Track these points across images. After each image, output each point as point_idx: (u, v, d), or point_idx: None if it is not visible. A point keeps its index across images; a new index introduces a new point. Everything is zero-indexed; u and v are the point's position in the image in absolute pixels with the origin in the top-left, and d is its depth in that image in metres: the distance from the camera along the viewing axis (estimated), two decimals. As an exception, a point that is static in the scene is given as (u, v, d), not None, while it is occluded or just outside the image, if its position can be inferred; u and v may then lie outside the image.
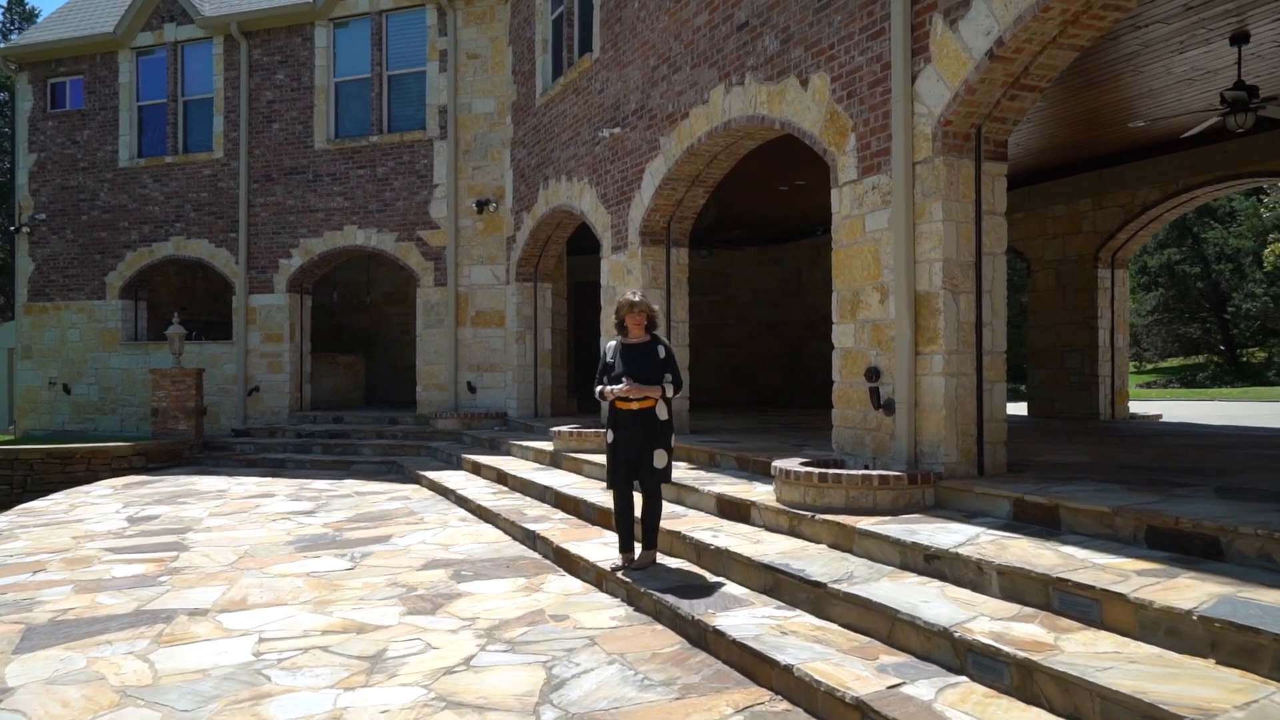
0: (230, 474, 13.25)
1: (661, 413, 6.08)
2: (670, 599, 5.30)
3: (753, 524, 6.51)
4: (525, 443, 11.57)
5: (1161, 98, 9.35)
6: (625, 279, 10.57)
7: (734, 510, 6.76)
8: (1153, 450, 8.22)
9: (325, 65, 15.91)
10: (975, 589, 4.54)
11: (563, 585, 6.40)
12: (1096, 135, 11.13)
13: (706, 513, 7.06)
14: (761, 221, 17.68)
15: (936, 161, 6.00)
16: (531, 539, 7.59)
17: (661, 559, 6.29)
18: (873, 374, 6.53)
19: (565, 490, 8.61)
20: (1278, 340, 39.93)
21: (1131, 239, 12.58)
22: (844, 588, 4.72)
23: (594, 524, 7.77)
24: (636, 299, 6.11)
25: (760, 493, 6.85)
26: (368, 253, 16.23)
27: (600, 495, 8.19)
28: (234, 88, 16.45)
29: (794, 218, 17.08)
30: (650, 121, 9.96)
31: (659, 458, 6.05)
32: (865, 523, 5.52)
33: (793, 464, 6.53)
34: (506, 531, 8.22)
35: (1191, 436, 10.05)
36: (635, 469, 6.11)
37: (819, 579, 4.92)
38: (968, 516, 5.54)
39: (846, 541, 5.53)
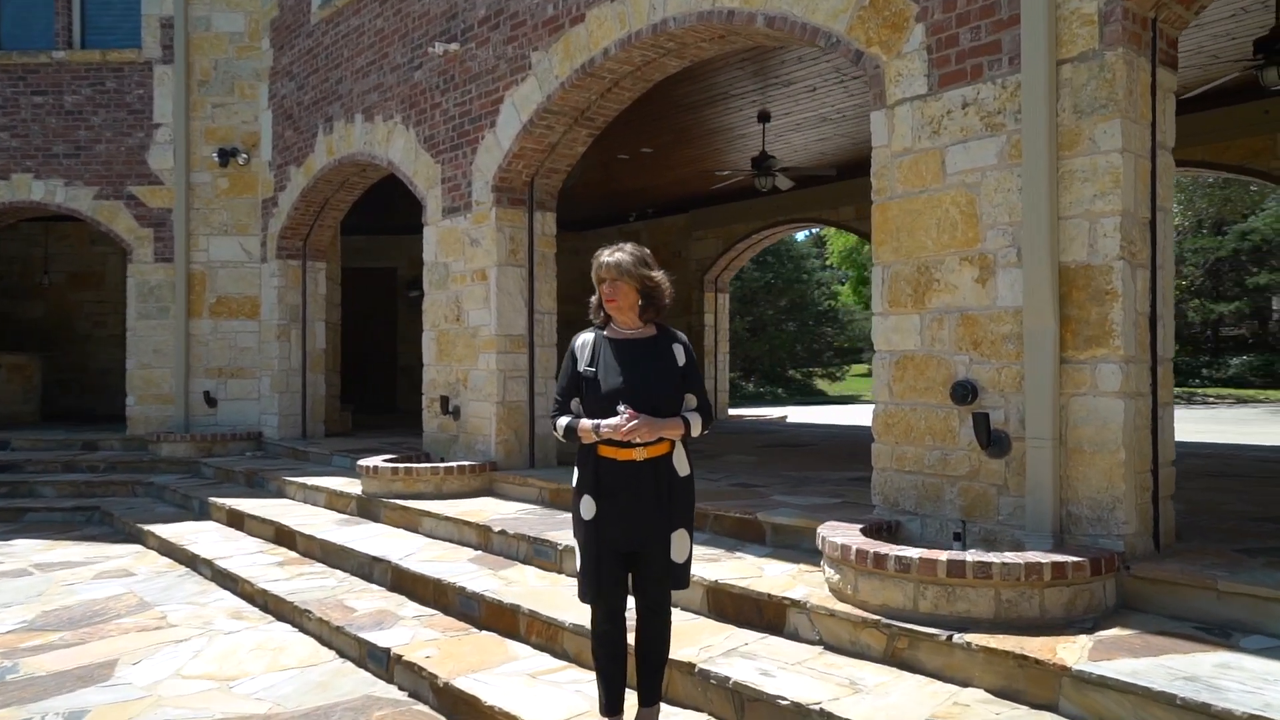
0: None
1: (681, 465, 3.44)
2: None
3: (796, 637, 3.98)
4: (307, 479, 8.22)
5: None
6: (467, 253, 7.60)
7: (750, 612, 4.20)
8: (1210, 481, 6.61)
9: (-16, -53, 11.31)
10: None
11: (489, 777, 3.52)
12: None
13: (689, 612, 4.44)
14: (567, 201, 15.10)
15: (1107, 57, 3.81)
16: (383, 662, 4.56)
17: (665, 711, 3.62)
18: (966, 392, 4.23)
19: (411, 565, 5.59)
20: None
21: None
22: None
23: (481, 626, 4.87)
24: (622, 257, 3.40)
25: (780, 578, 4.34)
26: (51, 214, 11.80)
27: (476, 574, 5.28)
28: None
29: (611, 198, 14.70)
30: (514, 30, 7.10)
31: (678, 544, 3.40)
32: (1068, 652, 3.20)
33: (852, 534, 4.10)
34: (327, 643, 5.07)
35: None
36: (631, 565, 3.42)
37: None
38: (1220, 635, 3.36)
39: (1040, 690, 3.16)
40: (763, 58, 8.11)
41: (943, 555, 3.60)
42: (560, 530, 5.68)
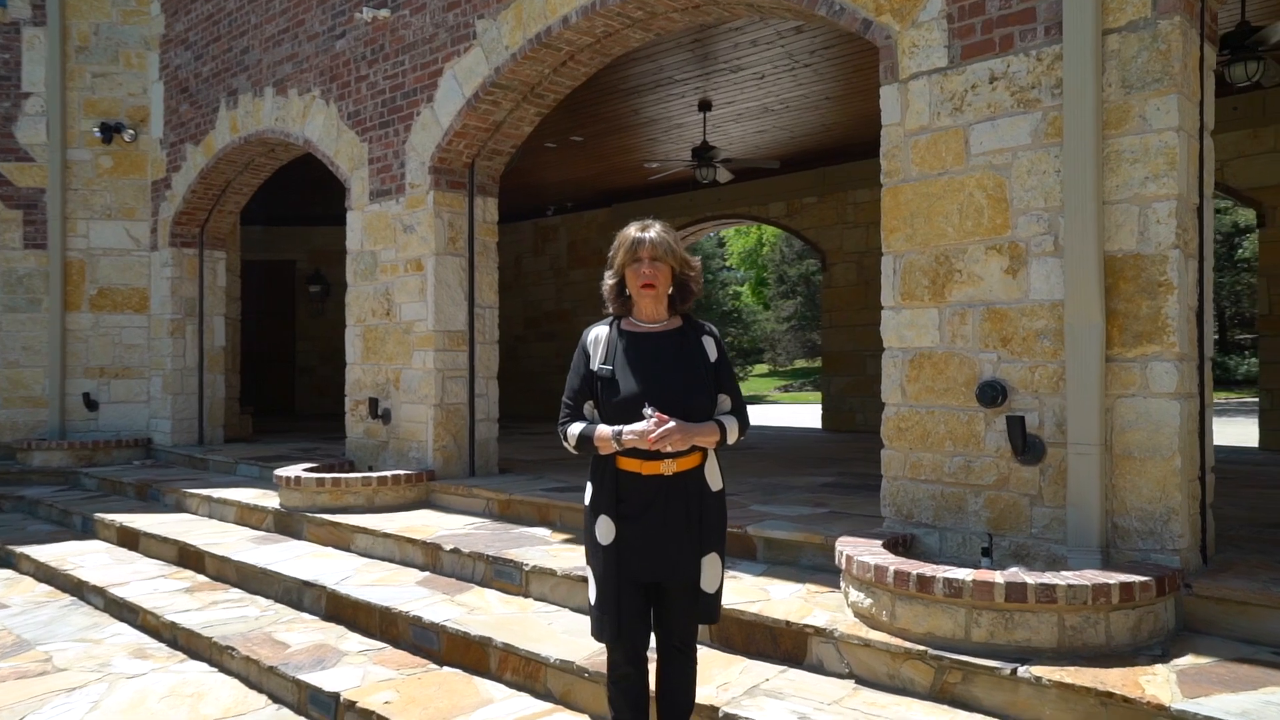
0: None
1: (714, 478, 2.96)
2: None
3: (821, 670, 3.54)
4: (211, 491, 7.34)
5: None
6: (399, 241, 6.90)
7: (763, 641, 3.73)
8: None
9: None
10: None
11: None
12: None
13: (690, 641, 3.93)
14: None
15: (1161, 26, 3.49)
16: (330, 709, 3.88)
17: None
18: (995, 393, 3.87)
19: (350, 590, 4.90)
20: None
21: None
22: None
23: (443, 662, 4.25)
24: (662, 234, 2.90)
25: (791, 601, 3.88)
26: (-102, 192, 10.41)
27: (429, 600, 4.65)
28: None
29: (529, 190, 14.05)
30: (455, -4, 6.46)
31: (709, 571, 2.91)
32: (1155, 686, 2.84)
33: (879, 552, 3.68)
34: (256, 685, 4.35)
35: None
36: (653, 596, 2.91)
37: None
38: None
39: (1132, 729, 2.79)
40: (712, 40, 7.68)
41: (999, 577, 3.20)
42: (521, 548, 5.09)
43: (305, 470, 6.54)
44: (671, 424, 2.71)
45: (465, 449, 6.75)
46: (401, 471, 6.42)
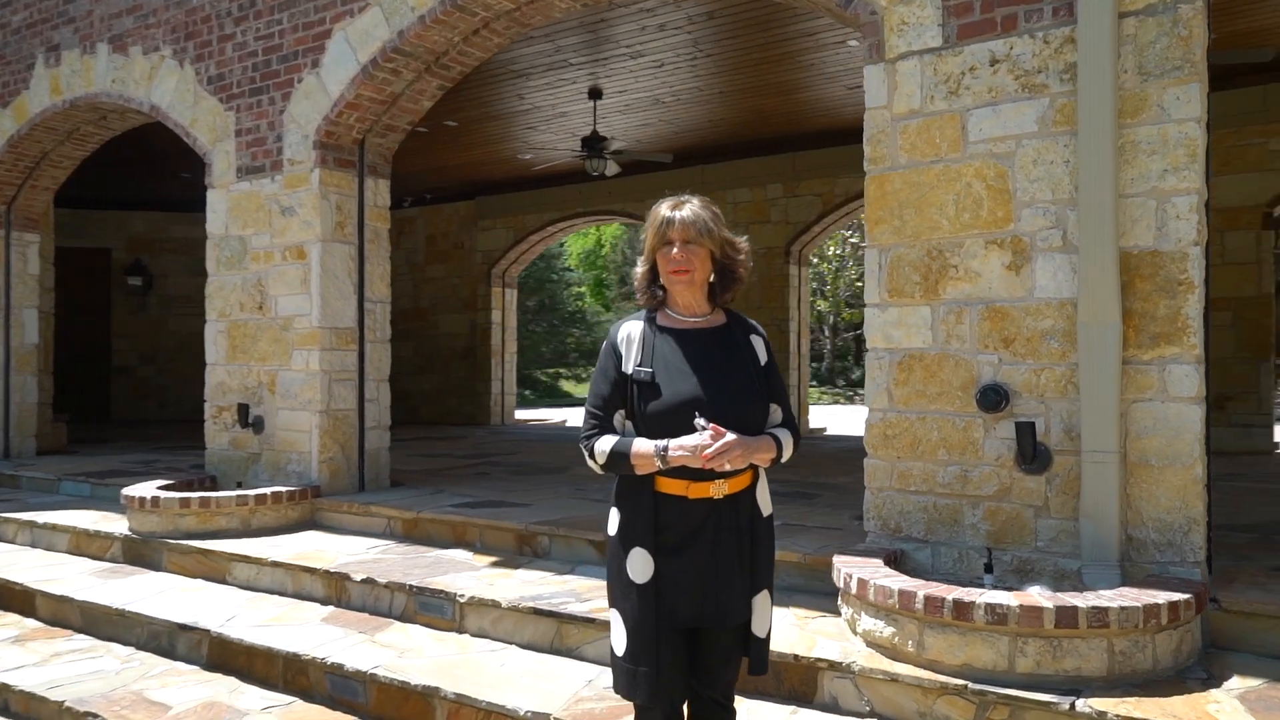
0: None
1: (765, 502, 2.54)
2: None
3: (836, 709, 3.17)
4: (34, 515, 6.17)
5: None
6: (276, 225, 6.02)
7: (763, 678, 3.30)
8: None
9: None
10: None
11: None
12: (795, 109, 9.45)
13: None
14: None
15: (1182, 11, 3.33)
16: (240, 791, 3.16)
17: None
18: (998, 398, 3.61)
19: (241, 634, 4.10)
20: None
21: (824, 232, 11.35)
22: None
23: (370, 717, 3.58)
24: (697, 211, 2.44)
25: (785, 630, 3.48)
26: None
27: (343, 641, 3.94)
28: None
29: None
30: (347, -52, 5.68)
31: (760, 612, 2.49)
32: (1228, 716, 2.62)
33: (890, 573, 3.34)
34: (130, 763, 3.52)
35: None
36: (692, 642, 2.45)
37: None
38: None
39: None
40: (619, 20, 7.21)
41: (1046, 600, 2.91)
42: (446, 575, 4.44)
43: (162, 488, 5.58)
44: (731, 438, 2.26)
45: (354, 461, 5.97)
46: (283, 488, 5.57)
